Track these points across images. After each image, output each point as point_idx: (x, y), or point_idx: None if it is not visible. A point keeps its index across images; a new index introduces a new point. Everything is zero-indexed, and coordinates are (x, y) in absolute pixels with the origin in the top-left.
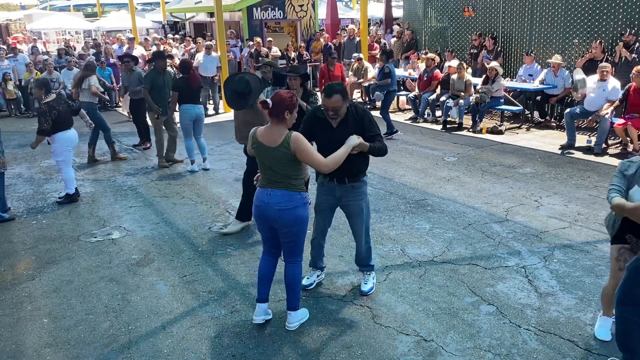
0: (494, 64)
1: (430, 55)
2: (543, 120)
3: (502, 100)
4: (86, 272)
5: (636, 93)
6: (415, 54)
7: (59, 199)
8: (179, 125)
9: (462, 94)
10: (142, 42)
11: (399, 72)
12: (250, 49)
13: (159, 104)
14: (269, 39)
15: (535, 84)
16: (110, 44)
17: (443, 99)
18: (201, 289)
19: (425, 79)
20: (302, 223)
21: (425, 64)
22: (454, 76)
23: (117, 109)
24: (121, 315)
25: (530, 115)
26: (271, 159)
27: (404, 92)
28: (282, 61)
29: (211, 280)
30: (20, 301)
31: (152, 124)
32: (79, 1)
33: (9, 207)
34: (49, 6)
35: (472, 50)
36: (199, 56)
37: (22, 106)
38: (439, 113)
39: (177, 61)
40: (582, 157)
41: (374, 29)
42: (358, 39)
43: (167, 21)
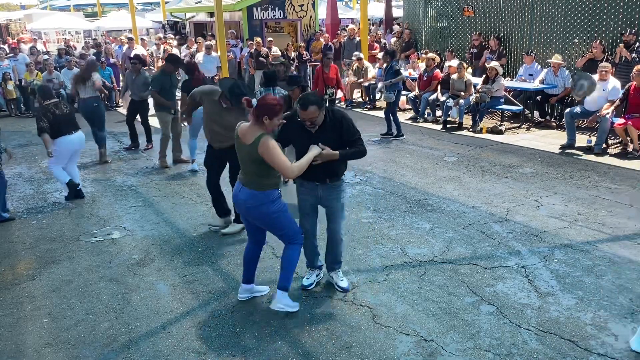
0: (494, 63)
1: (430, 55)
2: (543, 120)
3: (502, 100)
4: (86, 272)
5: (636, 93)
6: (415, 53)
7: (65, 198)
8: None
9: (462, 93)
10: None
11: None
12: (250, 48)
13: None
14: (269, 39)
15: (535, 84)
16: (110, 43)
17: (443, 98)
18: (201, 289)
19: (425, 78)
20: (273, 217)
21: (425, 63)
22: (454, 76)
23: (117, 109)
24: (121, 315)
25: (530, 115)
26: (243, 155)
27: (404, 92)
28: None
29: (211, 280)
30: (20, 301)
31: (161, 124)
32: (79, 1)
33: (7, 209)
34: (49, 6)
35: (473, 49)
36: (199, 56)
37: (22, 106)
38: (439, 113)
39: None
40: (582, 157)
41: (373, 29)
42: (358, 38)
43: (167, 21)
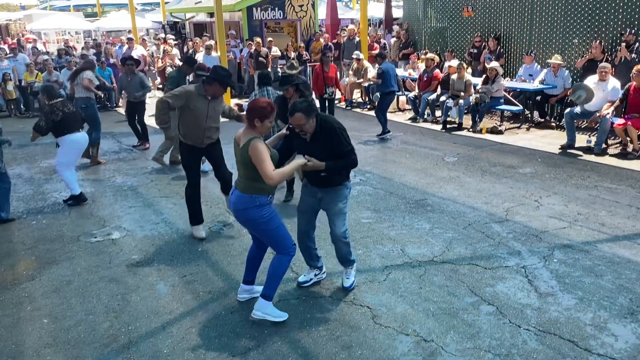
0: (494, 64)
1: (430, 55)
2: (543, 120)
3: (502, 100)
4: (86, 272)
5: (636, 93)
6: (415, 54)
7: (64, 200)
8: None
9: (462, 94)
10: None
11: (398, 72)
12: (250, 49)
13: None
14: (269, 39)
15: (535, 84)
16: (113, 44)
17: (443, 99)
18: (201, 289)
19: (425, 79)
20: (259, 223)
21: (425, 64)
22: (454, 76)
23: (117, 109)
24: (121, 315)
25: (530, 115)
26: (237, 157)
27: (406, 92)
28: (282, 61)
29: (211, 280)
30: (20, 301)
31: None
32: (79, 1)
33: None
34: (49, 6)
35: (473, 50)
36: (198, 56)
37: (22, 106)
38: (438, 113)
39: (177, 61)
40: (582, 157)
41: (372, 29)
42: (358, 39)
43: (167, 21)
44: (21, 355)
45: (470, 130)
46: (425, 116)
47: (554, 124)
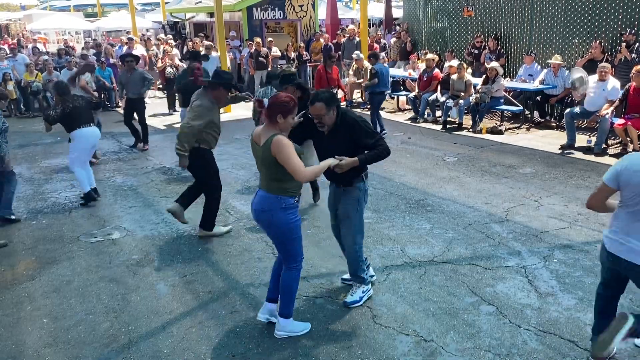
0: (494, 64)
1: (430, 55)
2: (543, 120)
3: (502, 101)
4: (86, 272)
5: (636, 93)
6: (415, 54)
7: (81, 204)
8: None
9: (462, 94)
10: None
11: (398, 72)
12: (250, 49)
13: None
14: (269, 39)
15: (535, 84)
16: (113, 44)
17: (443, 99)
18: (201, 289)
19: (425, 79)
20: (282, 228)
21: (425, 64)
22: (454, 76)
23: (117, 109)
24: (121, 315)
25: (530, 115)
26: (258, 158)
27: (403, 92)
28: (282, 61)
29: (211, 280)
30: (20, 301)
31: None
32: (79, 1)
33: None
34: (49, 6)
35: (473, 50)
36: None
37: (22, 106)
38: (439, 113)
39: (177, 61)
40: (582, 157)
41: (372, 29)
42: (358, 39)
43: (167, 21)
44: (21, 355)
45: (471, 130)
46: (426, 116)
47: (554, 124)
